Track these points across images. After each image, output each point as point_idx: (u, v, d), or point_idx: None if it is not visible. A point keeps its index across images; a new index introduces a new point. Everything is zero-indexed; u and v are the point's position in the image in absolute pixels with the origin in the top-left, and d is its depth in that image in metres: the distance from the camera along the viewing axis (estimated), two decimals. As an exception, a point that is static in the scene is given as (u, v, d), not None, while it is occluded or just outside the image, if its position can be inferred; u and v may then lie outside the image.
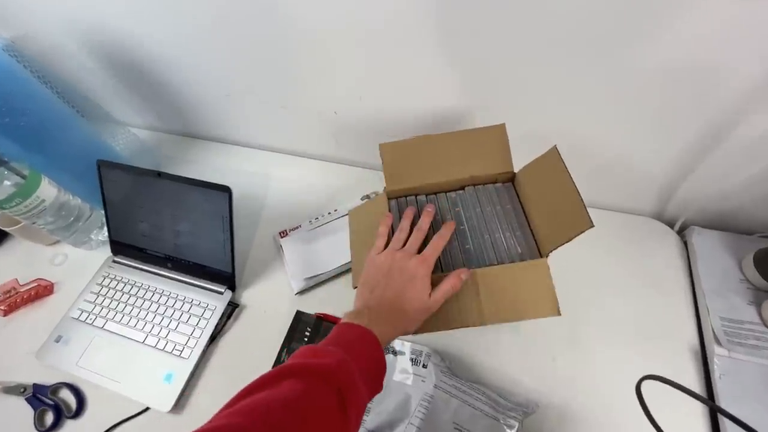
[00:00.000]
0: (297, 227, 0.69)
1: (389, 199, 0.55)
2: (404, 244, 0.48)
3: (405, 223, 0.50)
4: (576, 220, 0.41)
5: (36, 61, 0.64)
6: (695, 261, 0.60)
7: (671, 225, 0.65)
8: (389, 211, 0.54)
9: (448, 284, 0.45)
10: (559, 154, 0.46)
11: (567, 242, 0.43)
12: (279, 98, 0.70)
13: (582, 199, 0.42)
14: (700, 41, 0.43)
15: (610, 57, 0.47)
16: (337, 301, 0.63)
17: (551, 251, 0.46)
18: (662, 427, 0.34)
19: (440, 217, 0.53)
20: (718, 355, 0.51)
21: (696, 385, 0.51)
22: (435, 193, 0.56)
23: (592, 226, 0.40)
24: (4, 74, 0.57)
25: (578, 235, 0.41)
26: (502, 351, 0.56)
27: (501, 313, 0.45)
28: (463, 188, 0.55)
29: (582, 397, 0.52)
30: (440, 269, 0.49)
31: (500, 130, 0.52)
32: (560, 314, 0.44)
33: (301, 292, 0.64)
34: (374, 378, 0.39)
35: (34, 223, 0.63)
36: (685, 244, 0.63)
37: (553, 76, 0.52)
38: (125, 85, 0.78)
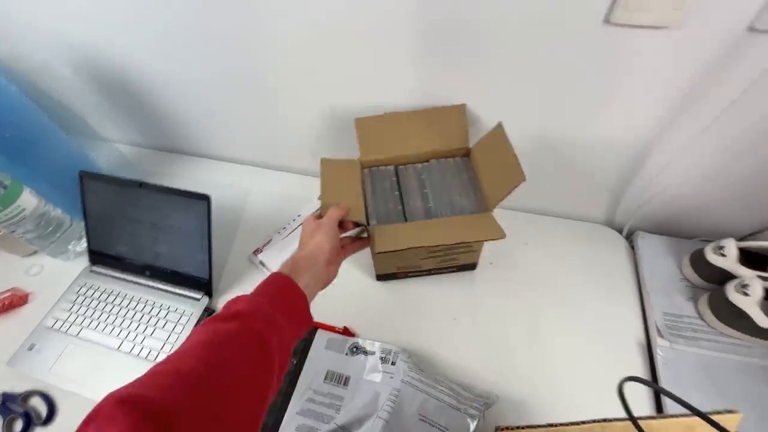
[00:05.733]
0: (268, 241, 0.72)
1: (362, 168, 0.62)
2: None
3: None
4: (512, 177, 0.49)
5: (24, 76, 0.67)
6: (641, 263, 0.65)
7: (620, 231, 0.71)
8: (362, 177, 0.62)
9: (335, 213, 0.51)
10: (503, 130, 0.53)
11: (507, 195, 0.50)
12: (256, 115, 0.75)
13: (517, 160, 0.50)
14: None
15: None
16: (323, 300, 0.65)
17: (495, 205, 0.53)
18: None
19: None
20: (661, 346, 0.56)
21: (643, 374, 0.55)
22: (404, 164, 0.63)
23: (524, 179, 0.48)
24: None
25: (514, 188, 0.49)
26: (466, 348, 0.59)
27: (453, 236, 0.51)
28: (428, 160, 0.62)
29: (540, 389, 0.55)
30: (402, 218, 0.57)
31: (460, 109, 0.59)
32: (505, 236, 0.50)
33: None
34: (295, 311, 0.42)
35: (13, 232, 0.64)
36: (633, 248, 0.69)
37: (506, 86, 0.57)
38: (109, 101, 0.81)
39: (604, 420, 0.27)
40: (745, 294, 0.52)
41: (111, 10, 0.63)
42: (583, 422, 0.27)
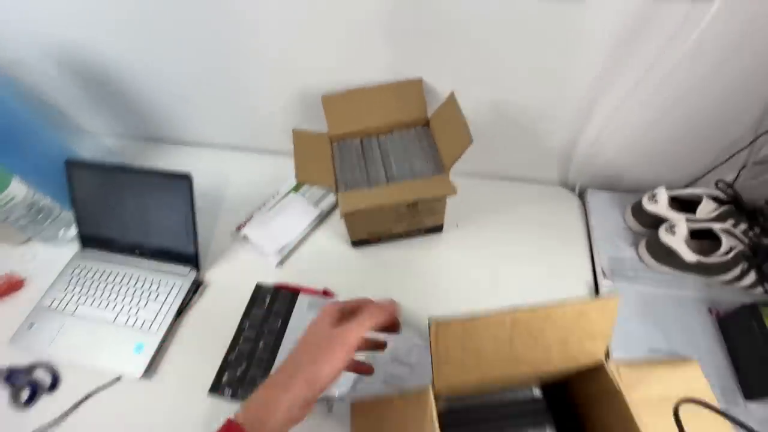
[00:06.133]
0: (250, 217, 0.77)
1: (331, 142, 0.68)
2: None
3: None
4: (462, 141, 0.55)
5: (1, 71, 0.70)
6: (590, 216, 0.72)
7: (573, 190, 0.78)
8: (331, 150, 0.67)
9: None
10: (455, 99, 0.59)
11: (459, 157, 0.56)
12: (230, 100, 0.79)
13: (467, 125, 0.55)
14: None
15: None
16: (304, 266, 0.72)
17: (450, 167, 0.59)
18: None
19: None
20: (606, 285, 0.63)
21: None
22: (368, 136, 0.68)
23: (472, 142, 0.54)
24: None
25: (464, 150, 0.55)
26: (434, 301, 0.65)
27: (409, 194, 0.57)
28: (391, 131, 0.67)
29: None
30: (367, 185, 0.61)
31: (418, 84, 0.65)
32: (456, 193, 0.56)
33: (281, 263, 0.72)
34: None
35: (6, 219, 0.67)
36: (585, 204, 0.75)
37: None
38: (88, 94, 0.84)
39: (516, 309, 0.33)
40: (673, 233, 0.59)
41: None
42: (498, 312, 0.33)
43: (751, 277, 0.58)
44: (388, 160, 0.64)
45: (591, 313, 0.34)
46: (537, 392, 0.46)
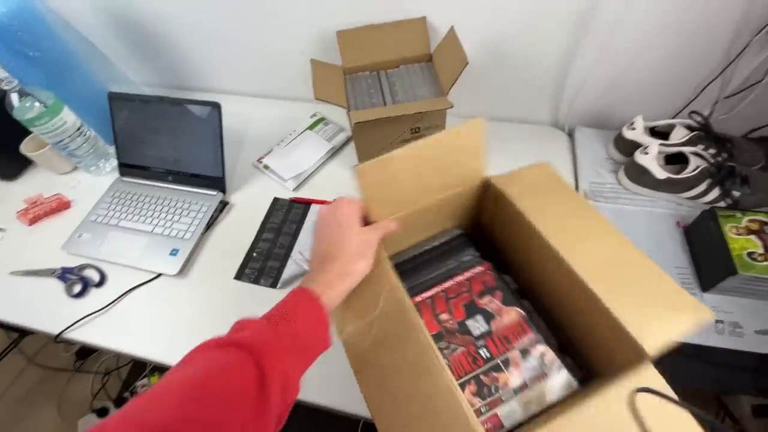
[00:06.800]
0: (270, 151, 0.86)
1: (344, 74, 0.76)
2: None
3: None
4: (459, 63, 0.62)
5: (57, 14, 0.79)
6: (577, 150, 0.79)
7: (564, 129, 0.85)
8: (345, 80, 0.75)
9: (384, 223, 0.45)
10: (455, 32, 0.67)
11: (456, 78, 0.63)
12: (252, 49, 0.88)
13: (463, 50, 0.62)
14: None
15: None
16: (318, 184, 0.82)
17: (449, 89, 0.67)
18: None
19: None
20: (586, 204, 0.71)
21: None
22: (377, 70, 0.76)
23: (467, 63, 0.61)
24: (35, 17, 0.72)
25: (460, 72, 0.62)
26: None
27: (410, 109, 0.65)
28: (398, 66, 0.76)
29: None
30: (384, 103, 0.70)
31: (421, 21, 0.72)
32: (452, 107, 0.64)
33: (296, 188, 0.81)
34: (309, 341, 0.37)
35: (60, 142, 0.77)
36: (573, 141, 0.83)
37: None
38: (129, 45, 0.94)
39: (413, 144, 0.43)
40: (646, 153, 0.67)
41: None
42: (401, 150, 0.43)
43: (715, 192, 0.65)
44: (394, 89, 0.72)
45: (463, 133, 0.45)
46: (456, 231, 0.55)
